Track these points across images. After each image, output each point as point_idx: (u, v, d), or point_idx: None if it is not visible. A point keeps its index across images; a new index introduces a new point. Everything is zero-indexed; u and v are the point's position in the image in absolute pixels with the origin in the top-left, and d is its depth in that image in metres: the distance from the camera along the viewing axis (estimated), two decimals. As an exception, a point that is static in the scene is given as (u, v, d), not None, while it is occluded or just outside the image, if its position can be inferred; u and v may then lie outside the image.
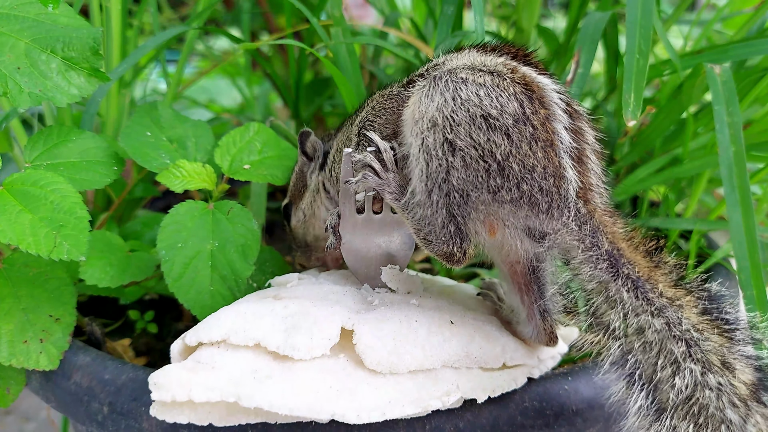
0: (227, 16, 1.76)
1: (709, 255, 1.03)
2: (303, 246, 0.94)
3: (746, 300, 0.77)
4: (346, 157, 0.77)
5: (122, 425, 0.74)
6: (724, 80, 0.83)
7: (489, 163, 0.66)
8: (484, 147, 0.66)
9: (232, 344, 0.69)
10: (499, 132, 0.66)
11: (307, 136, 0.90)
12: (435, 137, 0.68)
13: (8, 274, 0.82)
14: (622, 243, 0.68)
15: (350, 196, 0.78)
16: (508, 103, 0.67)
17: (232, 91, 1.97)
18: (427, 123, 0.68)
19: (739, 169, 0.79)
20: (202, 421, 0.67)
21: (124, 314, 1.01)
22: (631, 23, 0.80)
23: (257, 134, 0.94)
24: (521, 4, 1.18)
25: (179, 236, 0.82)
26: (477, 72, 0.69)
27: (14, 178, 0.76)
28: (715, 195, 1.22)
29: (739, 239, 0.78)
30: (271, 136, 0.95)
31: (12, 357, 0.78)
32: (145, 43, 1.02)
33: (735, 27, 1.27)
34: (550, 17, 1.86)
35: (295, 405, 0.64)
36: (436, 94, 0.68)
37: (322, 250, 0.93)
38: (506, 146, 0.66)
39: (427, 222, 0.71)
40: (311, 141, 0.90)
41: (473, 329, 0.74)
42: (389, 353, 0.68)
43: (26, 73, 0.75)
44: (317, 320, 0.69)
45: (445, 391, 0.69)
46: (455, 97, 0.67)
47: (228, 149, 0.91)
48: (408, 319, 0.72)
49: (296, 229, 0.94)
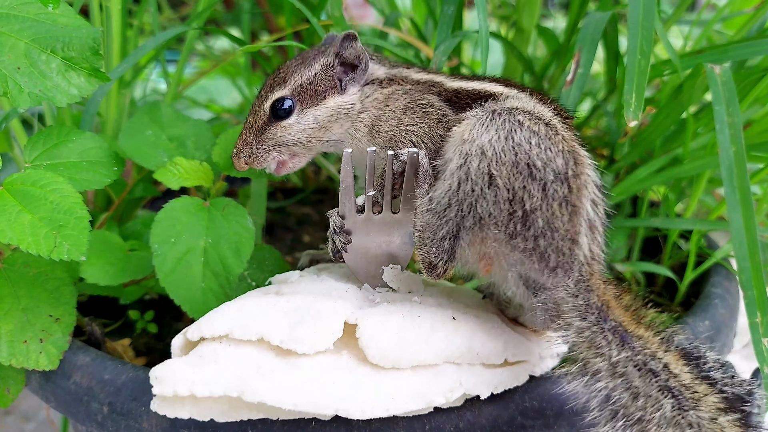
0: (227, 16, 1.76)
1: (709, 255, 1.03)
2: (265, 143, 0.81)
3: (747, 300, 0.77)
4: (346, 156, 0.77)
5: (122, 425, 0.74)
6: (724, 80, 0.82)
7: (515, 209, 0.68)
8: (517, 192, 0.68)
9: (235, 339, 0.68)
10: (537, 183, 0.68)
11: (353, 40, 0.79)
12: (479, 165, 0.69)
13: (8, 274, 0.82)
14: (612, 302, 0.71)
15: (350, 196, 0.78)
16: (555, 158, 0.68)
17: (232, 91, 1.97)
18: (476, 148, 0.69)
19: (739, 170, 0.79)
20: (204, 416, 0.67)
21: (124, 314, 1.01)
22: (633, 24, 0.80)
23: (257, 133, 0.93)
24: (521, 4, 1.18)
25: (173, 231, 0.82)
26: (534, 119, 0.70)
27: (14, 178, 0.76)
28: (715, 195, 1.22)
29: (739, 239, 0.78)
30: (271, 135, 0.94)
31: (12, 357, 0.78)
32: (145, 43, 1.02)
33: (735, 27, 1.27)
34: (550, 17, 1.86)
35: (298, 400, 0.64)
36: (492, 128, 0.69)
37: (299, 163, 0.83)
38: (538, 199, 0.68)
39: (429, 228, 0.73)
40: (357, 48, 0.79)
41: (475, 325, 0.74)
42: (392, 348, 0.68)
43: (26, 73, 0.75)
44: (321, 314, 0.69)
45: (449, 388, 0.69)
46: (509, 137, 0.69)
47: (226, 147, 0.91)
48: (411, 314, 0.72)
49: (286, 129, 0.80)
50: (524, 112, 0.71)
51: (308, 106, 0.80)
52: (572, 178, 0.69)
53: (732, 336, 0.94)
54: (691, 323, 0.88)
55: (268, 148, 0.80)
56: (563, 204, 0.68)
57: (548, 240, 0.69)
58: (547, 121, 0.71)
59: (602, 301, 0.70)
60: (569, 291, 0.70)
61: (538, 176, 0.68)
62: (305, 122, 0.80)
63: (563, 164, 0.68)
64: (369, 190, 0.78)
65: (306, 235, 1.33)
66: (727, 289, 0.97)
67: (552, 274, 0.70)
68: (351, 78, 0.81)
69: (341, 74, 0.81)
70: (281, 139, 0.80)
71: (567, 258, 0.70)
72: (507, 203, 0.68)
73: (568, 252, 0.69)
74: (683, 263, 1.06)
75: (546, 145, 0.68)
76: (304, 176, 1.51)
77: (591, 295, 0.70)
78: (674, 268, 1.09)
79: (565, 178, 0.68)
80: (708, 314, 0.90)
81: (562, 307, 0.70)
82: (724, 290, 0.97)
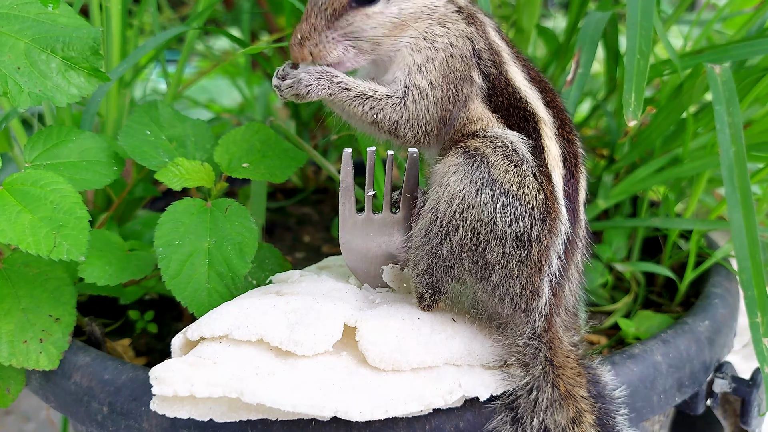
0: (227, 16, 1.76)
1: (709, 255, 1.03)
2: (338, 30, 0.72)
3: (747, 300, 0.77)
4: (346, 156, 0.77)
5: (122, 425, 0.74)
6: (724, 80, 0.82)
7: (478, 258, 0.71)
8: (480, 243, 0.70)
9: (235, 339, 0.68)
10: (498, 241, 0.70)
11: None
12: (447, 210, 0.71)
13: (8, 274, 0.82)
14: (562, 358, 0.73)
15: (350, 196, 0.78)
16: (520, 219, 0.69)
17: (232, 91, 1.97)
18: (447, 195, 0.71)
19: (739, 169, 0.79)
20: (203, 416, 0.67)
21: (124, 314, 1.01)
22: (632, 24, 0.80)
23: (257, 134, 0.94)
24: (521, 4, 1.18)
25: (176, 233, 0.82)
26: (511, 167, 0.70)
27: (14, 178, 0.76)
28: (715, 195, 1.22)
29: (740, 239, 0.78)
30: (271, 135, 0.95)
31: (12, 357, 0.78)
32: (145, 43, 1.02)
33: (735, 27, 1.27)
34: (550, 17, 1.86)
35: (298, 401, 0.64)
36: (466, 179, 0.70)
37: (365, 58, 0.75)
38: (498, 255, 0.70)
39: (412, 261, 0.75)
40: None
41: (475, 327, 0.74)
42: (392, 350, 0.68)
43: (26, 73, 0.75)
44: (320, 316, 0.69)
45: (448, 389, 0.69)
46: (479, 192, 0.70)
47: (228, 148, 0.91)
48: (411, 316, 0.72)
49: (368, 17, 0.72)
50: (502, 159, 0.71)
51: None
52: (535, 241, 0.70)
53: (732, 336, 0.94)
54: (691, 323, 0.88)
55: (339, 37, 0.72)
56: (521, 265, 0.70)
57: (504, 292, 0.71)
58: (530, 163, 0.71)
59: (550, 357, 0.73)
60: (524, 338, 0.72)
61: (499, 235, 0.69)
62: (390, 13, 0.72)
63: (528, 226, 0.69)
64: (369, 190, 0.78)
65: (306, 235, 1.33)
66: (727, 289, 0.97)
67: (510, 317, 0.73)
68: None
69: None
70: (358, 28, 0.72)
71: (523, 311, 0.71)
72: (472, 251, 0.70)
73: (525, 305, 0.71)
74: (683, 263, 1.06)
75: (512, 206, 0.69)
76: (304, 176, 1.51)
77: (540, 348, 0.73)
78: (674, 268, 1.09)
79: (528, 240, 0.69)
80: (708, 314, 0.90)
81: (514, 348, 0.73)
82: (724, 290, 0.96)
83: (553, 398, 0.71)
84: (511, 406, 0.71)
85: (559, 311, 0.74)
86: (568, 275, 0.74)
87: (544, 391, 0.71)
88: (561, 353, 0.73)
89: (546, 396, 0.71)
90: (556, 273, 0.72)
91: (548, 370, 0.72)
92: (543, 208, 0.70)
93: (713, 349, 0.87)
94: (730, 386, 0.86)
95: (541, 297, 0.71)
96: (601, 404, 0.72)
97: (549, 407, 0.71)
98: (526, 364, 0.72)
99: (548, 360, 0.72)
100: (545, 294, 0.72)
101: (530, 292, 0.71)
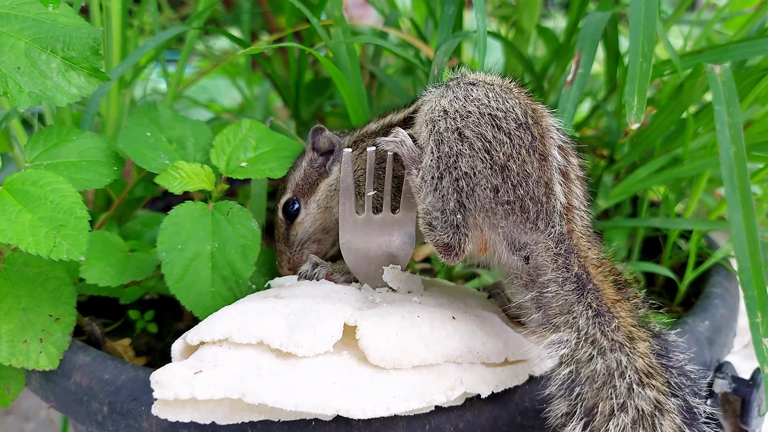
0: (227, 16, 1.76)
1: (709, 255, 1.03)
2: (294, 245, 0.92)
3: (747, 300, 0.77)
4: (346, 156, 0.77)
5: (122, 425, 0.74)
6: (724, 80, 0.83)
7: (493, 158, 0.71)
8: (490, 141, 0.71)
9: (235, 342, 0.68)
10: (503, 132, 0.71)
11: (321, 131, 0.90)
12: (446, 124, 0.73)
13: (8, 274, 0.82)
14: (592, 269, 0.71)
15: (350, 196, 0.78)
16: (513, 109, 0.72)
17: (232, 91, 1.97)
18: (438, 112, 0.73)
19: (739, 169, 0.79)
20: (205, 419, 0.67)
21: (124, 314, 1.01)
22: (635, 26, 0.80)
23: (250, 131, 0.93)
24: (521, 4, 1.18)
25: (179, 238, 0.82)
26: (487, 81, 0.75)
27: (14, 178, 0.76)
28: (715, 195, 1.22)
29: (740, 240, 0.78)
30: (264, 131, 0.94)
31: (12, 357, 0.78)
32: (145, 43, 1.02)
33: (735, 27, 1.27)
34: (550, 17, 1.86)
35: (299, 401, 0.64)
36: (449, 92, 0.74)
37: (325, 246, 0.93)
38: (509, 147, 0.71)
39: (435, 207, 0.73)
40: (326, 136, 0.90)
41: (475, 325, 0.74)
42: (393, 348, 0.68)
43: (26, 73, 0.75)
44: (320, 317, 0.69)
45: (449, 386, 0.69)
46: (466, 95, 0.73)
47: (223, 149, 0.91)
48: (411, 314, 0.72)
49: (302, 224, 0.90)
50: (477, 78, 0.76)
51: (309, 197, 0.90)
52: (533, 125, 0.72)
53: (732, 336, 0.94)
54: (691, 323, 0.88)
55: (298, 248, 0.91)
56: (531, 150, 0.71)
57: (525, 188, 0.70)
58: (499, 83, 0.76)
59: (582, 267, 0.70)
60: (549, 250, 0.71)
61: (502, 125, 0.71)
62: (312, 210, 0.90)
63: (522, 114, 0.72)
64: (369, 190, 0.78)
65: (306, 235, 1.32)
66: (727, 289, 0.97)
67: (533, 227, 0.71)
68: (331, 161, 0.89)
69: (324, 161, 0.90)
70: (302, 234, 0.90)
71: (545, 207, 0.71)
72: (484, 153, 0.71)
73: (545, 200, 0.71)
74: (683, 263, 1.06)
75: (503, 98, 0.73)
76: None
77: (571, 258, 0.70)
78: (674, 268, 1.09)
79: (527, 126, 0.72)
80: (708, 314, 0.90)
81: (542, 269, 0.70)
82: (724, 290, 0.97)
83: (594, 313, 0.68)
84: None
85: (574, 212, 0.73)
86: (572, 179, 0.74)
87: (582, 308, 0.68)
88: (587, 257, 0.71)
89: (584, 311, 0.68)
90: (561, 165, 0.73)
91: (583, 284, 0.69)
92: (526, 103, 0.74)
93: (713, 349, 0.87)
94: (730, 386, 0.86)
95: (556, 192, 0.71)
96: None
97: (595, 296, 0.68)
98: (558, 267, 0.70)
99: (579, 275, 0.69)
100: (558, 188, 0.71)
101: (545, 184, 0.71)
